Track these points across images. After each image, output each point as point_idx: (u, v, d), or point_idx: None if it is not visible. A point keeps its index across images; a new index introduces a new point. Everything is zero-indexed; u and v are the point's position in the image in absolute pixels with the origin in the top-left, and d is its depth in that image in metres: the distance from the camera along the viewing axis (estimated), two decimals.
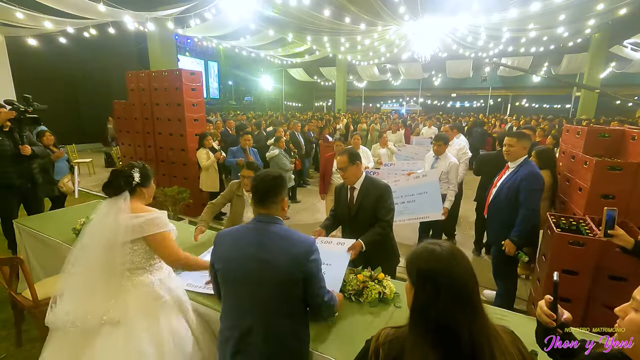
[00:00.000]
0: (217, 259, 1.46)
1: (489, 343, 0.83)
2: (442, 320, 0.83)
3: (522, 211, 2.58)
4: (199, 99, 5.43)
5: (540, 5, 7.21)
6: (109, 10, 7.06)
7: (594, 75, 13.28)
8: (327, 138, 8.13)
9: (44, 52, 10.11)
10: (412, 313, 0.91)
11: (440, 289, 0.85)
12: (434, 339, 0.83)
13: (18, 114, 3.53)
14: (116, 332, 1.62)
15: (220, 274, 1.46)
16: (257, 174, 1.58)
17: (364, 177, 2.43)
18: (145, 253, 1.76)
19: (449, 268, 0.86)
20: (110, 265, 1.68)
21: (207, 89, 20.33)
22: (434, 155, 3.99)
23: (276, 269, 1.36)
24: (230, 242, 1.46)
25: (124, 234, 1.67)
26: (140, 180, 1.80)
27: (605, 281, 2.35)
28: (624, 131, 3.03)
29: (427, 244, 0.93)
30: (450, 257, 0.88)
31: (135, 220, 1.70)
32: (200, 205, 5.45)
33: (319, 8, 7.99)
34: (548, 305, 1.01)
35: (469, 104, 25.47)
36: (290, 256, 1.37)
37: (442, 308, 0.83)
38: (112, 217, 1.69)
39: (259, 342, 1.37)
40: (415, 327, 0.88)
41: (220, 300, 1.53)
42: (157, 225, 1.74)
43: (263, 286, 1.37)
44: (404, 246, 2.77)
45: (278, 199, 1.48)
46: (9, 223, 3.44)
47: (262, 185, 1.47)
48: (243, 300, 1.41)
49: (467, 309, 0.84)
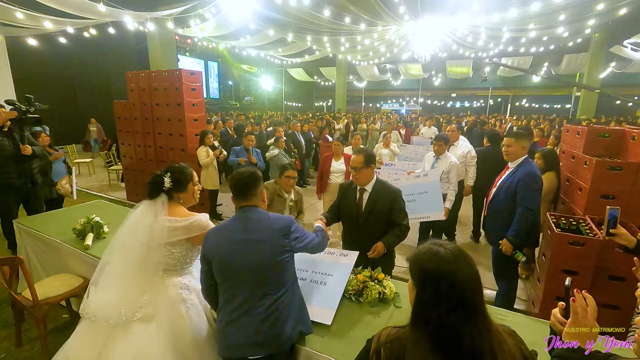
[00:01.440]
0: (209, 253, 1.57)
1: (492, 349, 0.82)
2: (443, 323, 0.82)
3: (519, 210, 2.58)
4: (199, 99, 5.43)
5: (540, 5, 7.21)
6: (109, 10, 7.05)
7: (594, 75, 13.28)
8: (327, 138, 8.14)
9: (44, 52, 10.11)
10: (413, 313, 0.89)
11: (442, 291, 0.83)
12: (434, 342, 0.82)
13: (20, 114, 3.53)
14: (148, 328, 1.64)
15: (215, 264, 1.55)
16: (232, 173, 1.72)
17: (375, 180, 2.42)
18: (182, 257, 1.80)
19: (453, 271, 0.85)
20: (146, 264, 1.71)
21: (207, 89, 20.34)
22: (435, 155, 3.99)
23: (263, 245, 1.53)
24: (219, 235, 1.60)
25: (161, 235, 1.70)
26: (172, 185, 1.81)
27: (605, 281, 2.36)
28: (624, 131, 3.04)
29: (432, 245, 0.91)
30: (454, 260, 0.87)
31: (175, 224, 1.73)
32: (200, 204, 5.46)
33: (319, 8, 7.99)
34: (562, 313, 0.98)
35: (469, 104, 25.49)
36: (273, 231, 1.56)
37: (443, 310, 0.82)
38: (150, 218, 1.73)
39: (255, 314, 1.49)
40: (416, 328, 0.87)
41: (211, 299, 1.65)
42: (199, 227, 1.77)
43: (255, 266, 1.51)
44: (404, 246, 2.77)
45: (257, 192, 1.65)
46: (9, 223, 3.45)
47: (240, 182, 1.62)
48: (239, 282, 1.53)
49: (469, 313, 0.82)
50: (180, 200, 1.86)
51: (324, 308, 1.81)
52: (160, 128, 5.55)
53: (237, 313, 1.51)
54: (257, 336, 1.47)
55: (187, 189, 1.87)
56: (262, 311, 1.49)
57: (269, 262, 1.51)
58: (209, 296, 1.66)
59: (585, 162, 2.93)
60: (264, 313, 1.49)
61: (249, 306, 1.50)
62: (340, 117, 13.54)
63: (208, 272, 1.59)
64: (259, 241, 1.53)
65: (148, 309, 1.67)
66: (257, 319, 1.48)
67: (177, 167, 1.86)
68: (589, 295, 0.90)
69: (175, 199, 1.84)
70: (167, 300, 1.72)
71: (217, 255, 1.55)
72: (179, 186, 1.83)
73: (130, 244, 1.73)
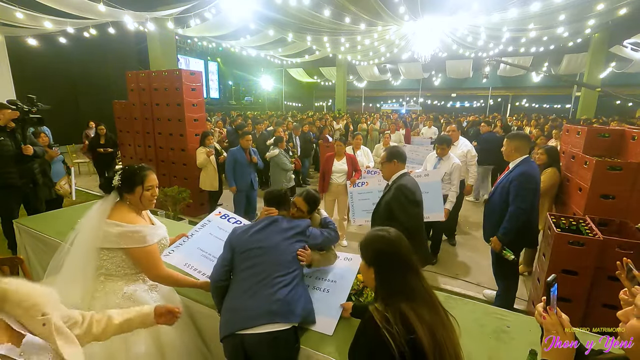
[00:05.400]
0: (234, 241, 1.80)
1: (432, 292, 1.17)
2: (401, 280, 1.14)
3: (511, 209, 2.60)
4: (199, 99, 5.43)
5: (540, 5, 7.20)
6: (109, 10, 7.05)
7: (594, 75, 13.28)
8: (327, 138, 8.14)
9: (44, 52, 10.11)
10: (377, 283, 1.19)
11: (395, 260, 1.17)
12: (405, 295, 1.12)
13: (22, 114, 3.53)
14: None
15: (239, 249, 1.76)
16: (266, 191, 2.03)
17: (396, 176, 2.53)
18: (122, 262, 1.68)
19: (399, 245, 1.19)
20: (86, 268, 1.64)
21: (207, 89, 20.34)
22: (437, 156, 3.98)
23: (282, 234, 1.79)
24: (246, 229, 1.84)
25: (100, 239, 1.62)
26: (120, 184, 1.70)
27: (605, 281, 2.36)
28: (624, 131, 3.04)
29: (377, 231, 1.26)
30: (397, 239, 1.21)
31: (113, 229, 1.63)
32: (200, 205, 5.46)
33: (319, 8, 7.98)
34: (543, 307, 1.02)
35: (469, 104, 25.49)
36: (291, 228, 1.83)
37: (398, 272, 1.16)
38: (95, 219, 1.66)
39: (274, 285, 1.63)
40: (384, 292, 1.16)
41: (219, 290, 1.73)
42: (133, 240, 1.65)
43: (274, 247, 1.74)
44: None
45: (286, 207, 1.97)
46: (9, 223, 3.44)
47: (273, 199, 1.97)
48: (260, 261, 1.71)
49: (414, 272, 1.16)
50: (127, 201, 1.75)
51: (326, 317, 1.77)
52: (160, 128, 5.55)
53: (258, 287, 1.63)
54: (274, 305, 1.56)
55: (134, 191, 1.72)
56: (280, 283, 1.63)
57: (285, 246, 1.75)
58: (218, 287, 1.72)
59: (585, 162, 2.93)
60: (281, 284, 1.63)
61: (269, 280, 1.64)
62: (341, 117, 13.55)
63: (228, 258, 1.75)
64: (279, 231, 1.80)
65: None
66: (276, 288, 1.61)
67: (132, 168, 1.76)
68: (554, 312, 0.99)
69: (124, 199, 1.74)
70: (102, 307, 1.56)
71: (242, 240, 1.77)
72: (127, 187, 1.72)
73: (74, 247, 1.66)
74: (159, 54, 10.78)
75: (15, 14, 6.48)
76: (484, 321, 1.81)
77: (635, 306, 0.83)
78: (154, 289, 1.81)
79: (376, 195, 3.67)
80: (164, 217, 4.38)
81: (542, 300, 1.01)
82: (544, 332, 0.99)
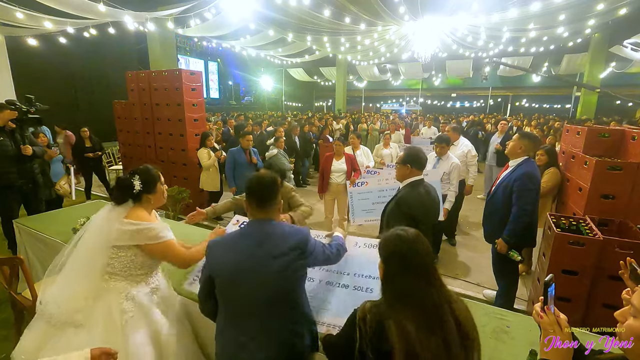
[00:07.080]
0: (213, 269, 1.41)
1: (449, 302, 1.08)
2: (409, 287, 1.08)
3: (514, 210, 2.60)
4: (199, 99, 5.43)
5: (540, 5, 7.20)
6: (109, 10, 7.05)
7: (594, 75, 13.27)
8: (327, 138, 8.14)
9: (44, 52, 10.09)
10: (383, 283, 1.15)
11: (405, 263, 1.10)
12: (405, 303, 1.06)
13: (20, 114, 3.54)
14: (79, 335, 1.56)
15: (220, 283, 1.40)
16: (251, 176, 1.50)
17: (407, 182, 2.39)
18: (129, 262, 1.69)
19: (413, 248, 1.11)
20: (93, 267, 1.65)
21: (207, 89, 20.34)
22: (437, 156, 3.98)
23: (276, 262, 1.36)
24: (226, 249, 1.43)
25: (109, 237, 1.64)
26: (142, 187, 1.74)
27: (605, 281, 2.35)
28: (624, 131, 3.04)
29: (396, 231, 1.18)
30: (414, 239, 1.14)
31: (127, 227, 1.65)
32: (200, 205, 5.44)
33: (319, 8, 7.98)
34: (541, 306, 1.03)
35: (469, 104, 25.49)
36: (288, 247, 1.39)
37: (408, 277, 1.08)
38: (110, 222, 1.67)
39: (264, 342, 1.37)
40: (389, 294, 1.11)
41: (213, 317, 1.50)
42: (148, 237, 1.67)
43: (265, 282, 1.35)
44: None
45: (276, 201, 1.48)
46: (9, 223, 3.44)
47: (259, 191, 1.45)
48: (250, 303, 1.38)
49: (425, 278, 1.08)
50: (151, 201, 1.79)
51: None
52: (160, 128, 5.55)
53: (246, 337, 1.36)
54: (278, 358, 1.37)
55: (156, 189, 1.80)
56: (280, 332, 1.38)
57: (282, 280, 1.37)
58: (208, 316, 1.53)
59: (585, 162, 2.93)
60: (281, 335, 1.38)
61: (264, 327, 1.37)
62: (342, 117, 13.55)
63: (208, 289, 1.42)
64: (272, 257, 1.36)
65: (82, 315, 1.59)
66: (276, 341, 1.37)
67: (143, 169, 1.78)
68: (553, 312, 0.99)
69: (145, 200, 1.77)
70: (103, 308, 1.61)
71: (223, 272, 1.38)
72: (148, 188, 1.76)
73: (84, 247, 1.68)
74: (159, 54, 10.79)
75: (15, 14, 6.47)
76: (484, 321, 1.81)
77: (632, 305, 0.83)
78: (155, 292, 1.81)
79: (376, 195, 3.67)
80: (164, 217, 4.38)
81: (540, 300, 1.01)
82: (541, 332, 0.99)
